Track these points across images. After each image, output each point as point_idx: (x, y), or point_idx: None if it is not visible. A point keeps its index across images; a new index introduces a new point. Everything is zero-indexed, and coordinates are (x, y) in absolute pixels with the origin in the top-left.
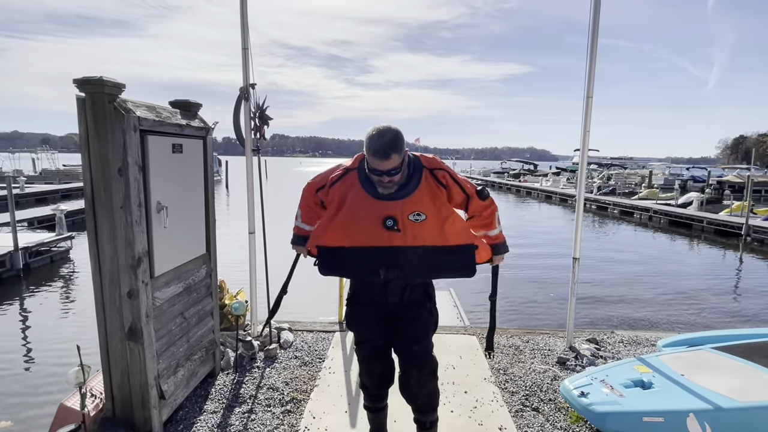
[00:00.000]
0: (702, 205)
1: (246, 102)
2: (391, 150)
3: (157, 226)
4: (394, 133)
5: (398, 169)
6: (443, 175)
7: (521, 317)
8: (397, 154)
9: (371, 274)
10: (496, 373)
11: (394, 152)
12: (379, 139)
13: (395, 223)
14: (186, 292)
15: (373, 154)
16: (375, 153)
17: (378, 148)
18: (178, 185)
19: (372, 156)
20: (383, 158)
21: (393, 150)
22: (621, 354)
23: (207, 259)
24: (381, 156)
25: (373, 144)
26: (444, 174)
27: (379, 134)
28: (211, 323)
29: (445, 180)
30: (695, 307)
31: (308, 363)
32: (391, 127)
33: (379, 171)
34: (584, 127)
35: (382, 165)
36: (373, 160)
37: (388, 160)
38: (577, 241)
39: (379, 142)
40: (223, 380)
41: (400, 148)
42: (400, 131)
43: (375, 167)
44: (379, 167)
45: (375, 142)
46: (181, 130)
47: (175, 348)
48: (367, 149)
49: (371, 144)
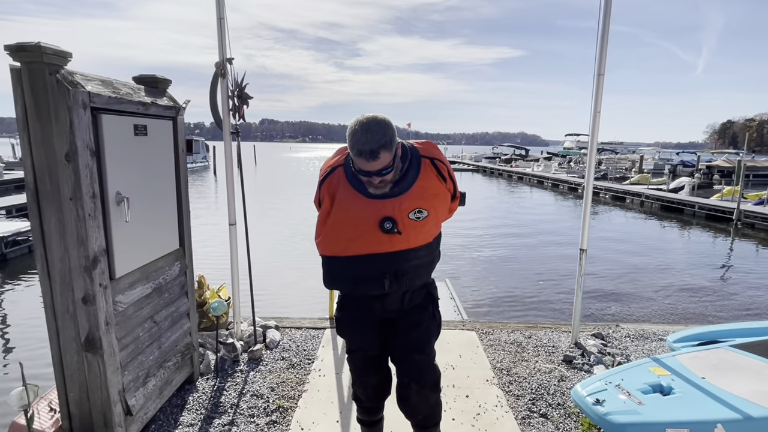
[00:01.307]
0: (693, 189)
1: (223, 79)
2: (379, 148)
3: (116, 220)
4: (381, 125)
5: (390, 168)
6: (443, 167)
7: (518, 308)
8: (388, 151)
9: (374, 287)
10: (498, 373)
11: (384, 150)
12: (363, 135)
13: (394, 225)
14: (156, 293)
15: (357, 154)
16: (360, 153)
17: (363, 148)
18: (142, 173)
19: (357, 156)
20: (370, 159)
21: (382, 148)
22: (629, 350)
23: (181, 255)
24: (367, 157)
25: (357, 142)
26: (443, 167)
27: (364, 129)
28: (187, 325)
29: (445, 173)
30: (697, 297)
31: (296, 365)
32: (377, 118)
33: (366, 173)
34: (594, 107)
35: (370, 166)
36: (358, 160)
37: (377, 161)
38: (585, 231)
39: (364, 139)
40: (202, 387)
41: (391, 142)
42: (389, 122)
43: (362, 168)
44: (367, 168)
45: (359, 139)
46: (146, 110)
47: (143, 356)
48: (350, 147)
49: (355, 142)
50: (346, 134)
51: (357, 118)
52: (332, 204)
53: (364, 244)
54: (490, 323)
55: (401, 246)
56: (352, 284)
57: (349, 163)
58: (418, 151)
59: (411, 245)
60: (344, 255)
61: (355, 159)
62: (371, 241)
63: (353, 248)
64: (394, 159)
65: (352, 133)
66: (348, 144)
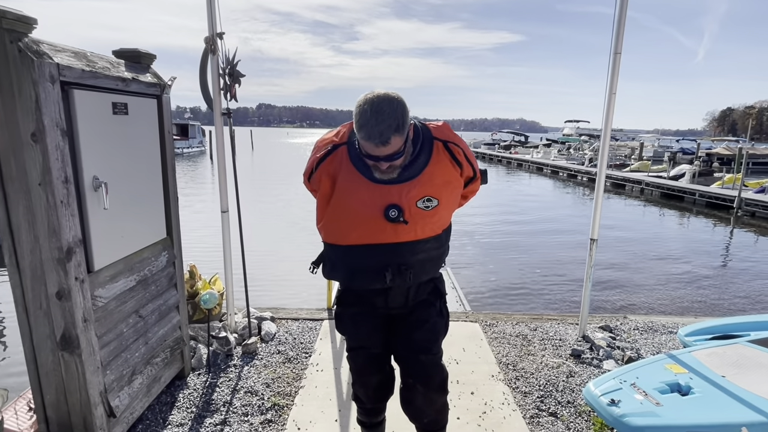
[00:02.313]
0: (694, 177)
1: (213, 56)
2: (391, 132)
3: (93, 208)
4: (394, 105)
5: (400, 153)
6: (458, 151)
7: (520, 298)
8: (399, 135)
9: (374, 280)
10: (504, 368)
11: (396, 134)
12: (373, 116)
13: (400, 213)
14: (141, 285)
15: (365, 137)
16: (368, 137)
17: (372, 131)
18: (123, 155)
19: (364, 140)
20: (380, 143)
21: (394, 132)
22: (638, 343)
23: (168, 245)
24: (377, 141)
25: (366, 124)
26: (459, 150)
27: (374, 109)
28: (176, 319)
29: (460, 157)
30: (702, 286)
31: (293, 359)
32: (389, 97)
33: (375, 157)
34: (610, 87)
35: (379, 151)
36: (367, 144)
37: (386, 146)
38: (596, 220)
39: (374, 121)
40: (193, 383)
41: (403, 125)
42: (403, 101)
43: (370, 152)
44: (375, 153)
45: (368, 121)
46: (126, 86)
47: (128, 354)
48: (357, 129)
49: (363, 124)
50: (354, 113)
51: (366, 96)
52: (333, 187)
53: (366, 233)
54: (493, 315)
55: (407, 237)
56: (351, 276)
57: (353, 142)
58: (430, 132)
59: (418, 236)
60: (343, 244)
61: (362, 142)
62: (374, 230)
63: (353, 237)
64: (405, 142)
65: (360, 112)
66: (355, 125)
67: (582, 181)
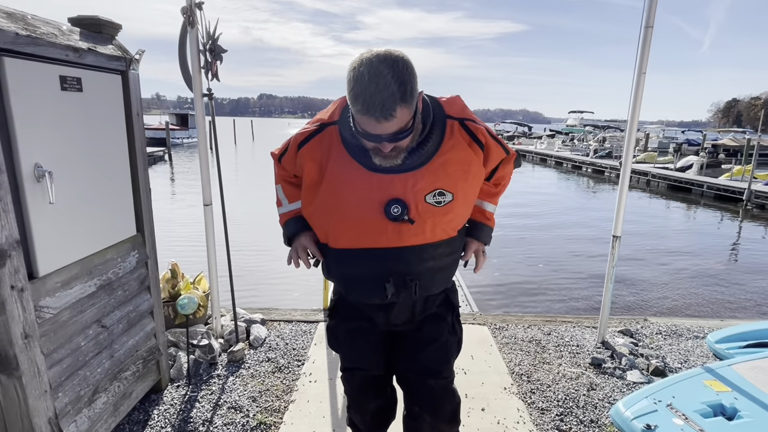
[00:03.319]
0: (702, 169)
1: (192, 29)
2: (395, 103)
3: (36, 202)
4: (399, 67)
5: (408, 130)
6: (480, 129)
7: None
8: (407, 107)
9: (372, 293)
10: (518, 379)
11: (402, 105)
12: (373, 82)
13: (404, 210)
14: (104, 291)
15: (363, 110)
16: (367, 109)
17: (372, 102)
18: (76, 140)
19: (363, 114)
20: (382, 118)
21: (400, 102)
22: (663, 350)
23: (139, 243)
24: (377, 114)
25: (363, 92)
26: (480, 128)
27: (374, 75)
28: (150, 326)
29: (483, 136)
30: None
31: (283, 368)
32: (392, 56)
33: (375, 137)
34: (639, 67)
35: (381, 128)
36: (364, 120)
37: (390, 120)
38: (620, 216)
39: (374, 88)
40: (171, 396)
41: (411, 93)
42: (409, 62)
43: (369, 130)
44: (376, 131)
45: (366, 91)
46: (79, 57)
47: (87, 370)
48: (353, 100)
49: (359, 92)
50: (347, 80)
51: (361, 57)
52: (321, 176)
53: (361, 235)
54: (503, 316)
55: (413, 240)
56: (344, 286)
57: (347, 120)
58: (442, 108)
59: (427, 239)
60: (334, 247)
61: (358, 117)
62: (371, 232)
63: (345, 239)
64: (414, 117)
65: (355, 78)
66: (348, 95)
67: (587, 172)
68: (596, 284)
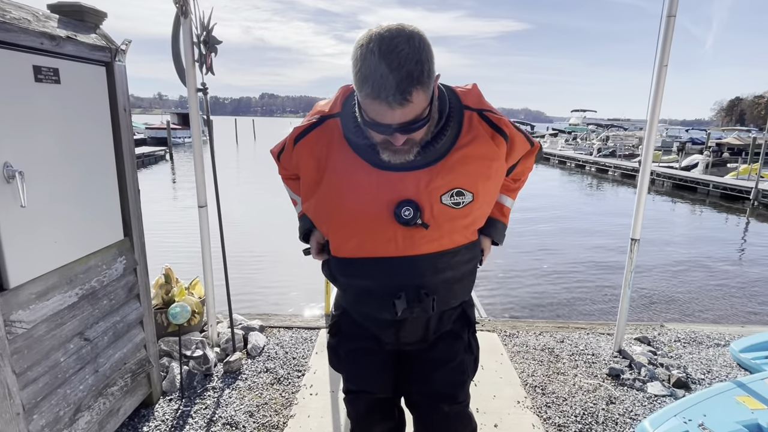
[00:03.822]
0: (707, 167)
1: (185, 19)
2: (411, 85)
3: (6, 205)
4: (416, 47)
5: (425, 119)
6: (503, 120)
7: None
8: (423, 90)
9: (381, 309)
10: (531, 392)
11: (419, 88)
12: (385, 62)
13: (417, 213)
14: (87, 301)
15: (373, 94)
16: (378, 93)
17: (384, 85)
18: (53, 136)
19: (372, 99)
20: (395, 103)
21: (416, 84)
22: (683, 359)
23: (127, 248)
24: (390, 99)
25: (374, 76)
26: (503, 119)
27: (386, 52)
28: (140, 337)
29: (507, 126)
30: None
31: (282, 379)
32: (408, 32)
33: (386, 127)
34: (661, 59)
35: (392, 116)
36: (374, 106)
37: (405, 106)
38: (639, 218)
39: (386, 67)
40: (162, 411)
41: (429, 75)
42: (426, 39)
43: (379, 120)
44: (386, 120)
45: (377, 71)
46: (56, 46)
47: (68, 388)
48: (361, 83)
49: (369, 76)
50: (352, 59)
51: (370, 32)
52: (320, 174)
53: (367, 242)
54: (513, 323)
55: (427, 247)
56: (349, 299)
57: (350, 112)
58: (459, 98)
59: (443, 246)
60: (337, 255)
61: (366, 104)
62: (378, 238)
63: (349, 246)
64: (431, 104)
65: (362, 56)
66: (354, 79)
67: (591, 171)
68: (605, 287)
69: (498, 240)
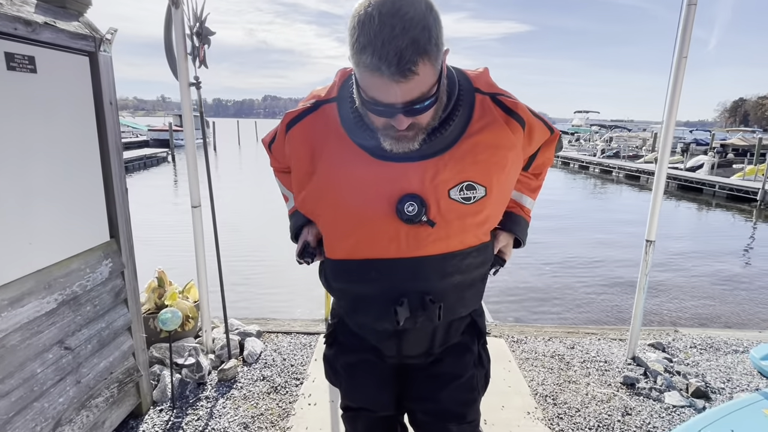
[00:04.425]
0: (713, 168)
1: (176, 10)
2: (418, 55)
3: None
4: (421, 12)
5: (432, 97)
6: (518, 105)
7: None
8: (432, 63)
9: (380, 317)
10: (542, 402)
11: (425, 59)
12: (387, 26)
13: (422, 209)
14: (68, 307)
15: (373, 65)
16: (379, 63)
17: (386, 53)
18: (26, 128)
19: (372, 72)
20: (399, 75)
21: (423, 54)
22: (701, 366)
23: (113, 251)
24: (394, 69)
25: (374, 43)
26: (518, 103)
27: (388, 16)
28: (128, 344)
29: (524, 112)
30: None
31: (280, 388)
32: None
33: (388, 107)
34: (680, 50)
35: (396, 92)
36: (374, 81)
37: (409, 79)
38: (654, 219)
39: (388, 35)
40: (152, 422)
41: (437, 45)
42: (433, 5)
43: (379, 98)
44: (387, 98)
45: (378, 37)
46: (32, 32)
47: (46, 401)
48: (358, 53)
49: (369, 43)
50: (349, 27)
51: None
52: (313, 165)
53: (366, 242)
54: (521, 328)
55: (434, 248)
56: (345, 306)
57: (347, 96)
58: (470, 81)
59: (451, 247)
60: (331, 257)
61: (366, 78)
62: (379, 237)
63: (345, 246)
64: (439, 81)
65: (361, 23)
66: (352, 49)
67: (594, 172)
68: (612, 290)
69: (521, 236)
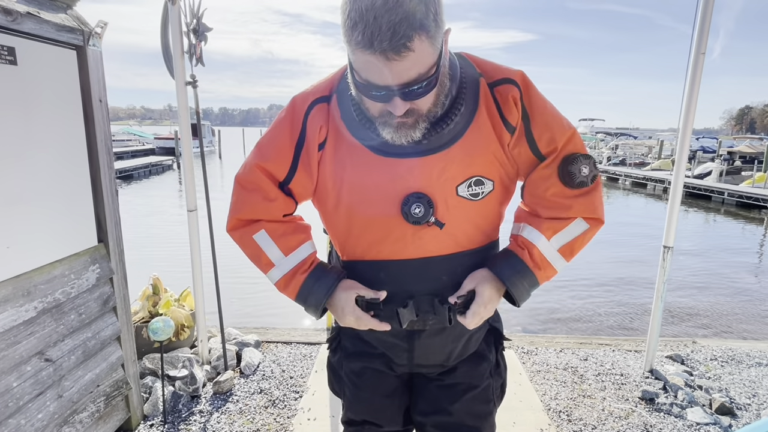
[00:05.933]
0: (721, 176)
1: (173, 6)
2: (412, 30)
3: None
4: None
5: (430, 81)
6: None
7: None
8: (429, 39)
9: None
10: (556, 418)
11: (422, 33)
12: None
13: (429, 210)
14: (49, 315)
15: (365, 42)
16: (371, 39)
17: (378, 27)
18: (3, 125)
19: (365, 50)
20: (392, 52)
21: (418, 30)
22: (723, 380)
23: (101, 256)
24: (386, 45)
25: (366, 18)
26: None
27: None
28: (116, 355)
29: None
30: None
31: (278, 401)
32: None
33: (383, 90)
34: (698, 47)
35: (391, 72)
36: (367, 60)
37: (404, 56)
38: (672, 224)
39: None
40: None
41: (436, 21)
42: None
43: (373, 80)
44: (381, 79)
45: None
46: (13, 22)
47: (23, 417)
48: (350, 31)
49: (360, 19)
50: (341, 9)
51: None
52: (317, 163)
53: (374, 244)
54: (531, 338)
55: (443, 248)
56: None
57: (345, 89)
58: (474, 68)
59: (461, 247)
60: (343, 259)
61: (359, 58)
62: (383, 239)
63: (354, 249)
64: (439, 62)
65: None
66: (344, 27)
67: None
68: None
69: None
